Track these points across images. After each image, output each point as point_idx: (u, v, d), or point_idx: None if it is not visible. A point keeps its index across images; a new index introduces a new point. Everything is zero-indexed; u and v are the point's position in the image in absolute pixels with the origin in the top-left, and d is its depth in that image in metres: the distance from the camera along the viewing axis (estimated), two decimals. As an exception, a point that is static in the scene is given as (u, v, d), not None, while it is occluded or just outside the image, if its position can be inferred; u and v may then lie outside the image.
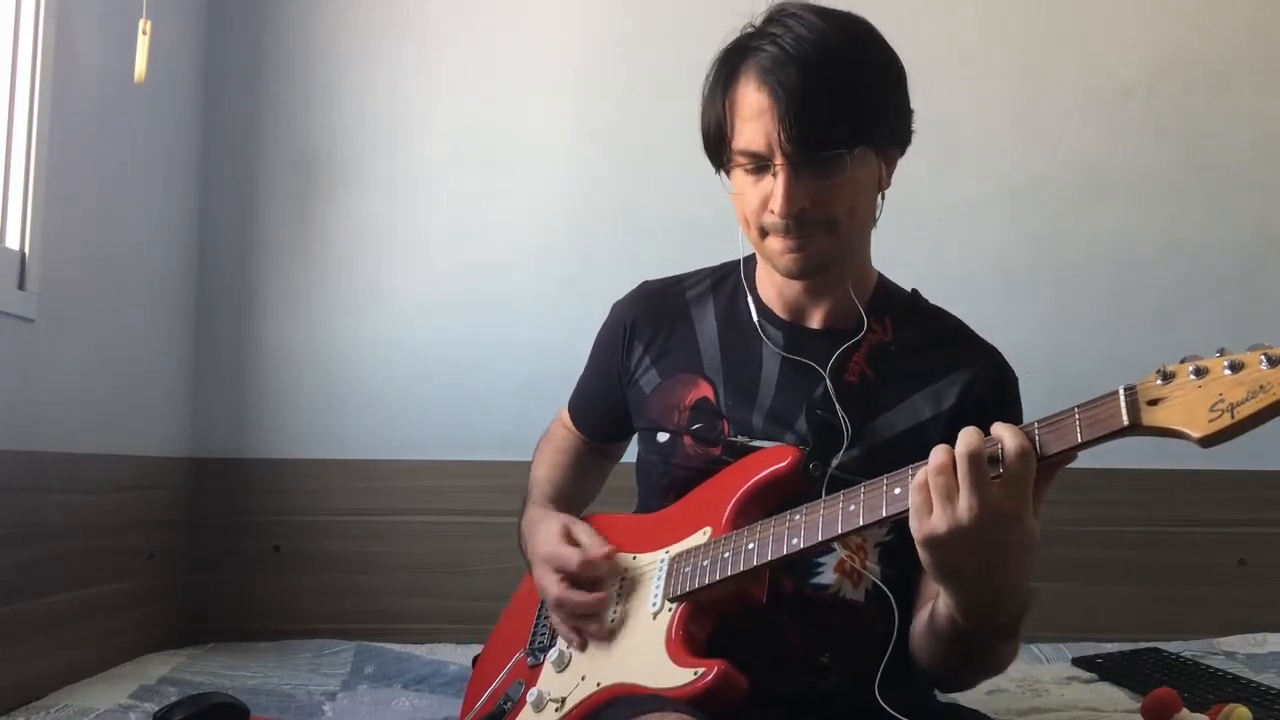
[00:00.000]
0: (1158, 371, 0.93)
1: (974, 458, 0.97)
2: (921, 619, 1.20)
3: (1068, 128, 2.54)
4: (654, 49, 2.53)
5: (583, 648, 1.28)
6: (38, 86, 1.85)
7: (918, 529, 1.01)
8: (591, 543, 1.31)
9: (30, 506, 1.81)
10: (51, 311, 1.89)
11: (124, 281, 2.18)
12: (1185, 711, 1.50)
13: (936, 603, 1.13)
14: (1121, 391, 0.94)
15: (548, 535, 1.35)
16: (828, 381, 1.28)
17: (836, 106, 1.18)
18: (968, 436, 0.99)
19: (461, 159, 2.54)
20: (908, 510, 1.02)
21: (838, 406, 1.26)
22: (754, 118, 1.20)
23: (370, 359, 2.50)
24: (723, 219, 1.34)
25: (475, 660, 1.53)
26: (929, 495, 1.00)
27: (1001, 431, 0.99)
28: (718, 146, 1.27)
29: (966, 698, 1.57)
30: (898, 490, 1.05)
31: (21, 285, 1.83)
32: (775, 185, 1.20)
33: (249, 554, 2.42)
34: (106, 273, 2.11)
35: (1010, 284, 2.50)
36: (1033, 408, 1.17)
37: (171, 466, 2.38)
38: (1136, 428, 0.92)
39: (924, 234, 2.48)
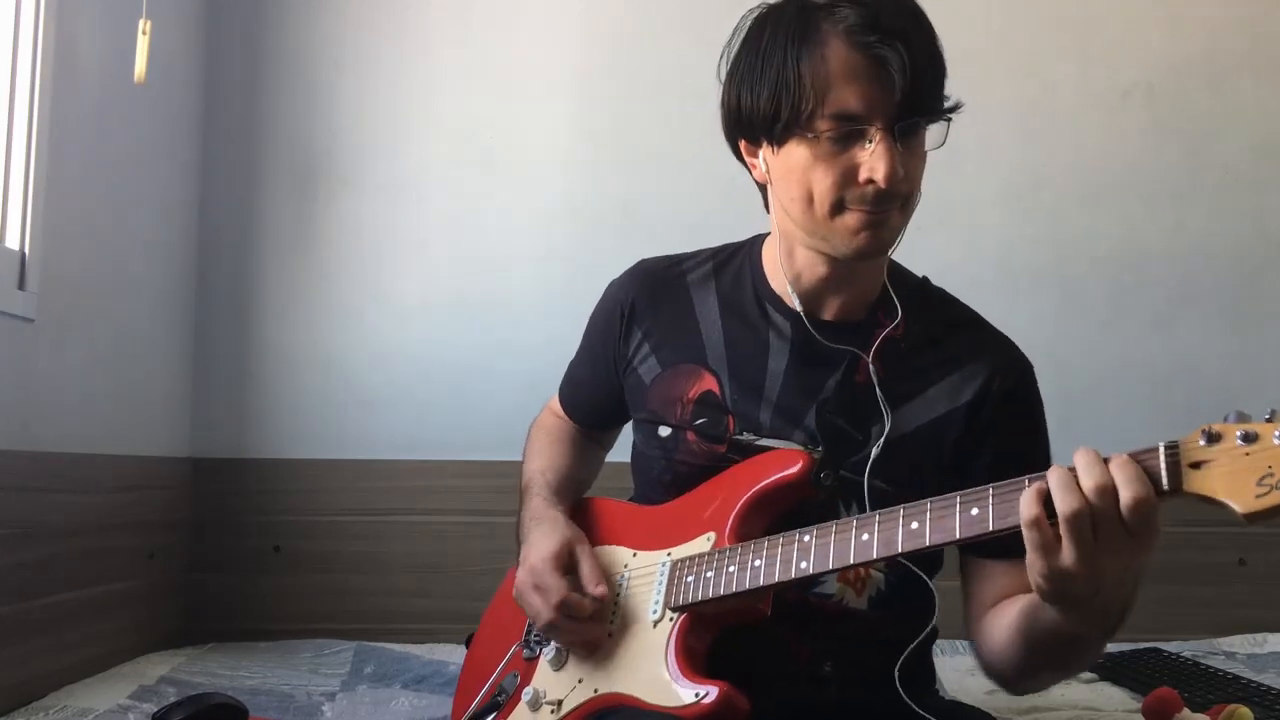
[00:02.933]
0: (1202, 430, 0.85)
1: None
2: (1006, 626, 1.13)
3: (1068, 128, 2.54)
4: (652, 50, 2.53)
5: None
6: (38, 86, 1.85)
7: (1042, 566, 0.92)
8: (590, 576, 1.22)
9: (30, 506, 1.81)
10: (51, 311, 1.89)
11: (124, 281, 2.18)
12: (1186, 711, 1.50)
13: (1038, 613, 1.05)
14: (1162, 449, 0.87)
15: (543, 549, 1.25)
16: (838, 378, 1.23)
17: (930, 72, 1.13)
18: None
19: (461, 159, 2.54)
20: (923, 546, 0.98)
21: (857, 404, 1.21)
22: (850, 80, 1.11)
23: (370, 359, 2.50)
24: (723, 218, 1.33)
25: (469, 640, 1.47)
26: (1047, 532, 0.91)
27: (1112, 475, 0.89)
28: (786, 114, 1.14)
29: (967, 696, 1.57)
30: (914, 525, 0.99)
31: (21, 285, 1.83)
32: (874, 152, 1.11)
33: (249, 554, 2.42)
34: (106, 273, 2.11)
35: (1011, 284, 2.50)
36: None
37: (171, 466, 2.37)
38: (1177, 493, 0.86)
39: (924, 234, 2.44)
